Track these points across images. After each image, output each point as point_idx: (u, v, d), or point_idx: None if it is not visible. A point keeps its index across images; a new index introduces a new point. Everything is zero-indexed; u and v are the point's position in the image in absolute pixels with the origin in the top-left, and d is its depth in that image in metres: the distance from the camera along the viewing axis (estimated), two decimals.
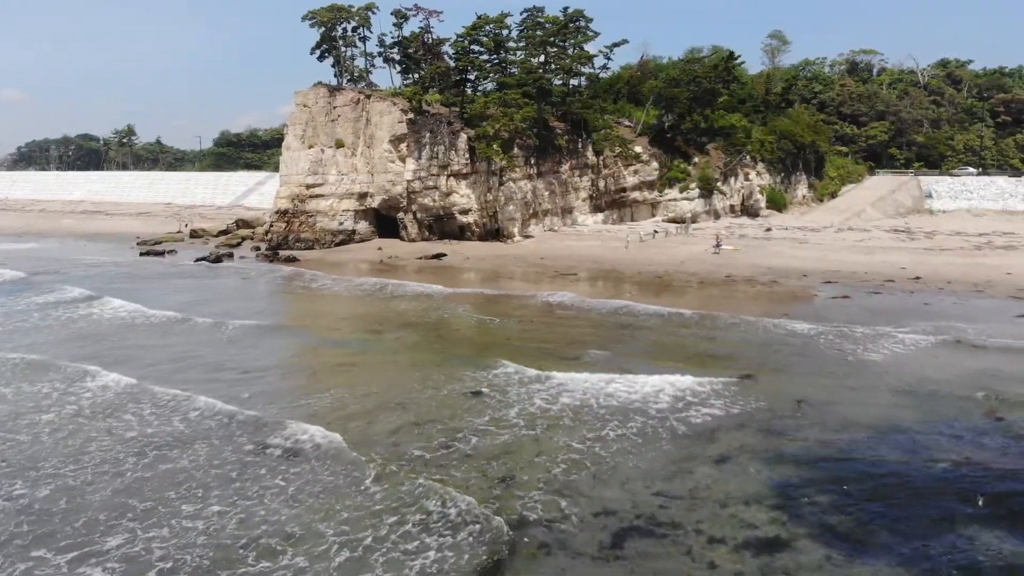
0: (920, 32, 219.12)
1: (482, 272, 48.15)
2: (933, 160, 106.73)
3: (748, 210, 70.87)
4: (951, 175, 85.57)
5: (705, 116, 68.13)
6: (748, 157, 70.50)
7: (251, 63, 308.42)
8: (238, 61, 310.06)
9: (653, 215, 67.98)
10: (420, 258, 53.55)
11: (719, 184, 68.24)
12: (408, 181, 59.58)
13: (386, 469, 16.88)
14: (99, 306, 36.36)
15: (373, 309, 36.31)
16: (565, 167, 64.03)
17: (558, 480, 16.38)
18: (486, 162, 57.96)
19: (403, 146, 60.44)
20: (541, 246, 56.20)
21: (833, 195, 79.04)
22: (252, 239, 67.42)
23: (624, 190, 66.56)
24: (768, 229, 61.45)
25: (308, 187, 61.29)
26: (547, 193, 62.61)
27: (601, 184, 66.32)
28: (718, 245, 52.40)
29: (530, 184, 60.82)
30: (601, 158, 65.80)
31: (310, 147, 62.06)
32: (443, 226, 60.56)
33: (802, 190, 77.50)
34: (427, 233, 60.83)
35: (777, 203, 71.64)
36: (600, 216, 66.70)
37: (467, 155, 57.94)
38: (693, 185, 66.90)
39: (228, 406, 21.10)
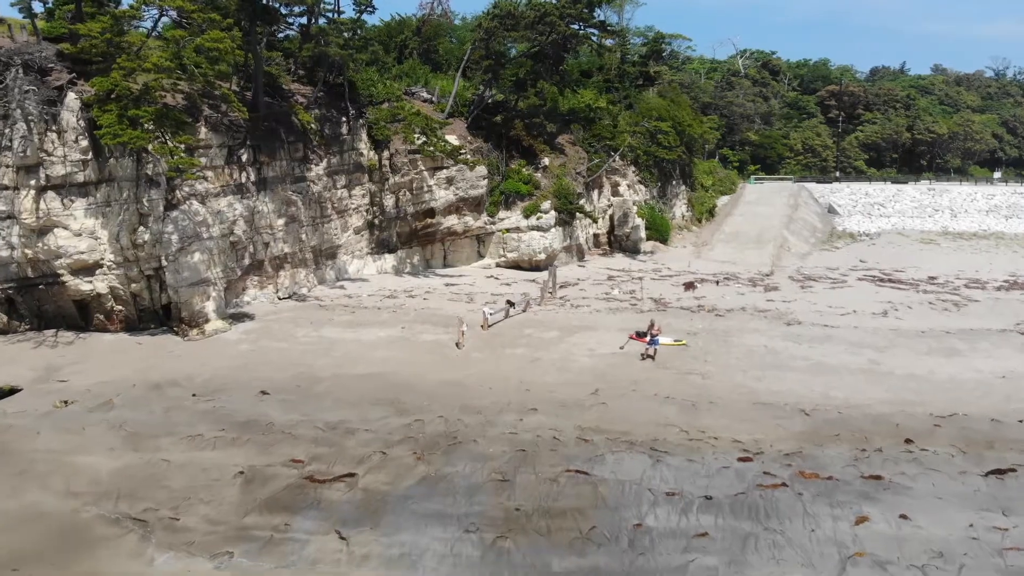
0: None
1: (93, 475, 15.87)
2: (771, 162, 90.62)
3: (622, 243, 44.74)
4: (832, 181, 67.34)
5: (560, 88, 40.81)
6: (617, 157, 44.36)
7: None
8: None
9: (480, 255, 39.24)
10: None
11: (582, 202, 41.13)
12: None
13: None
14: None
15: None
16: (319, 170, 32.87)
17: None
18: (132, 158, 25.20)
19: None
20: (265, 345, 24.80)
21: (711, 213, 55.99)
22: None
23: (431, 213, 36.91)
24: (691, 285, 35.15)
25: None
26: (282, 221, 31.04)
27: (389, 202, 35.99)
28: (650, 337, 24.91)
29: (242, 204, 28.84)
30: (387, 154, 35.66)
31: None
32: (42, 301, 26.60)
33: (680, 207, 52.95)
34: (6, 318, 26.52)
35: (660, 231, 46.09)
36: (389, 260, 36.40)
37: (84, 140, 24.78)
38: (547, 205, 39.00)
39: None
